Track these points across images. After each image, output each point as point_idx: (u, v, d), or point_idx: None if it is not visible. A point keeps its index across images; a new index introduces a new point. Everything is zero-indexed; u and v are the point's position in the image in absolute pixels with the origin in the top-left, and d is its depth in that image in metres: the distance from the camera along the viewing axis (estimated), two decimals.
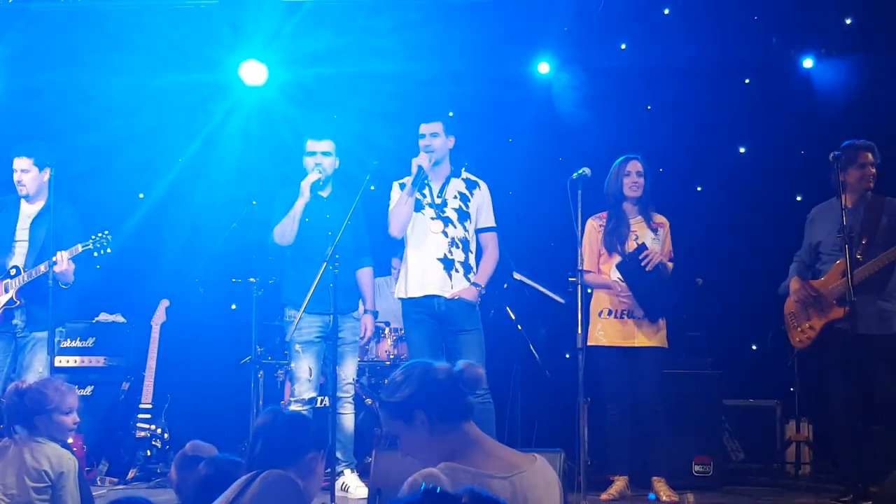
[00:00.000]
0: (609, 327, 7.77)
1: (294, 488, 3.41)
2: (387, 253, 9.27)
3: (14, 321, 7.96)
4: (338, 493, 7.11)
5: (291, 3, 10.13)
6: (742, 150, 10.14)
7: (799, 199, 8.89)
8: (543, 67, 9.71)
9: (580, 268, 7.43)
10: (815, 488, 8.07)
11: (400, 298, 7.84)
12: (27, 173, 8.06)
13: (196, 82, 10.29)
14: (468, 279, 7.61)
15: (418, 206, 7.68)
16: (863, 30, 9.56)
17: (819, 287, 7.46)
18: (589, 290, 7.84)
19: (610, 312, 7.77)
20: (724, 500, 7.85)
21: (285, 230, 7.68)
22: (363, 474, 7.74)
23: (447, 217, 7.66)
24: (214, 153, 10.33)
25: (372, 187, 7.92)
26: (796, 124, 9.53)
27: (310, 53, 10.24)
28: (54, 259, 7.67)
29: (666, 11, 10.08)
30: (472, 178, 7.88)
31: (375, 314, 8.38)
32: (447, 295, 7.55)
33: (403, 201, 7.65)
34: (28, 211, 8.13)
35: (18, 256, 8.03)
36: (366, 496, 6.49)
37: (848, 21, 9.51)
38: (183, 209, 10.21)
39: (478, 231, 7.76)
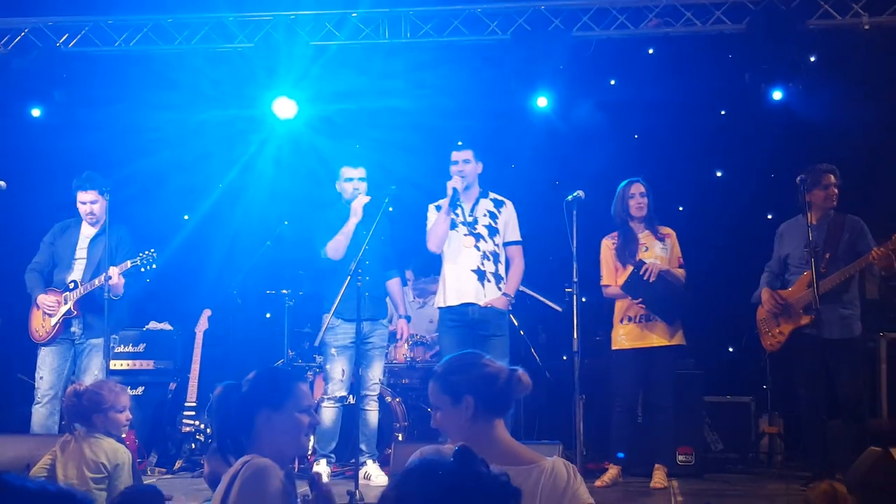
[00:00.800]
0: (630, 332, 7.80)
1: (268, 476, 3.22)
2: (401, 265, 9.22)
3: (72, 329, 7.98)
4: (361, 481, 7.09)
5: (318, 47, 10.15)
6: (719, 173, 10.14)
7: (770, 216, 8.86)
8: (542, 101, 9.66)
9: (575, 279, 7.49)
10: (786, 475, 8.07)
11: (438, 307, 7.90)
12: (95, 204, 8.10)
13: (234, 116, 10.32)
14: (499, 288, 7.67)
15: (452, 225, 7.74)
16: (824, 66, 9.52)
17: (787, 297, 7.48)
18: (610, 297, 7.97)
19: (630, 319, 7.79)
20: (704, 487, 7.85)
21: (339, 246, 7.71)
22: (383, 464, 7.72)
23: (478, 233, 7.74)
24: (250, 179, 10.36)
25: (391, 208, 7.89)
26: (766, 150, 9.52)
27: (334, 91, 10.27)
28: (108, 274, 7.66)
29: (650, 51, 10.11)
30: (499, 197, 7.96)
31: (408, 318, 8.41)
32: (481, 303, 7.62)
33: (441, 220, 7.73)
34: (87, 232, 8.16)
35: (77, 272, 8.04)
36: (385, 484, 6.45)
37: (812, 59, 9.46)
38: (223, 229, 10.21)
39: (505, 244, 7.84)
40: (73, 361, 8.05)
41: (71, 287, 7.95)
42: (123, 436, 5.63)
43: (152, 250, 7.90)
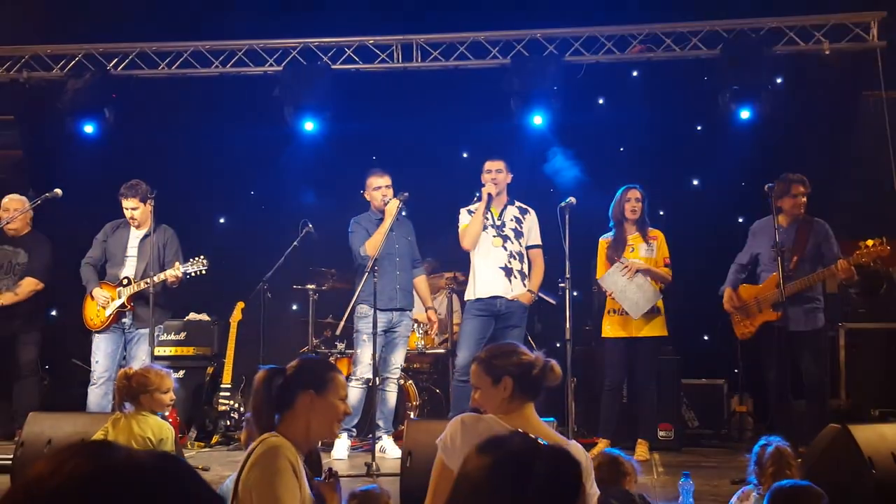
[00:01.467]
0: (614, 323, 7.84)
1: (278, 453, 3.25)
2: None
3: (124, 320, 8.04)
4: (377, 454, 7.14)
5: (337, 72, 10.22)
6: (695, 182, 10.14)
7: (741, 220, 8.89)
8: (538, 119, 9.70)
9: (567, 276, 7.53)
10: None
11: (468, 299, 7.94)
12: (136, 210, 8.13)
13: (265, 132, 10.33)
14: (524, 285, 7.72)
15: (486, 227, 7.75)
16: (789, 87, 9.55)
17: (752, 296, 7.48)
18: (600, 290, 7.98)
19: (615, 311, 7.83)
20: (682, 459, 7.85)
21: (376, 244, 7.67)
22: (397, 439, 7.75)
23: (506, 235, 7.79)
24: (277, 187, 10.37)
25: (404, 213, 7.95)
26: (738, 161, 9.52)
27: (351, 110, 10.30)
28: (167, 277, 7.87)
29: (634, 74, 10.16)
30: (524, 206, 7.99)
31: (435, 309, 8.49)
32: (508, 297, 7.67)
33: (477, 222, 7.75)
34: (136, 233, 8.21)
35: (129, 269, 8.11)
36: (399, 456, 6.49)
37: (778, 80, 9.48)
38: (255, 231, 10.26)
39: (528, 247, 7.88)
40: (123, 347, 8.12)
41: (124, 283, 8.00)
42: (167, 414, 5.67)
43: (202, 257, 7.98)
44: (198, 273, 8.01)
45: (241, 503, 3.15)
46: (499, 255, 7.74)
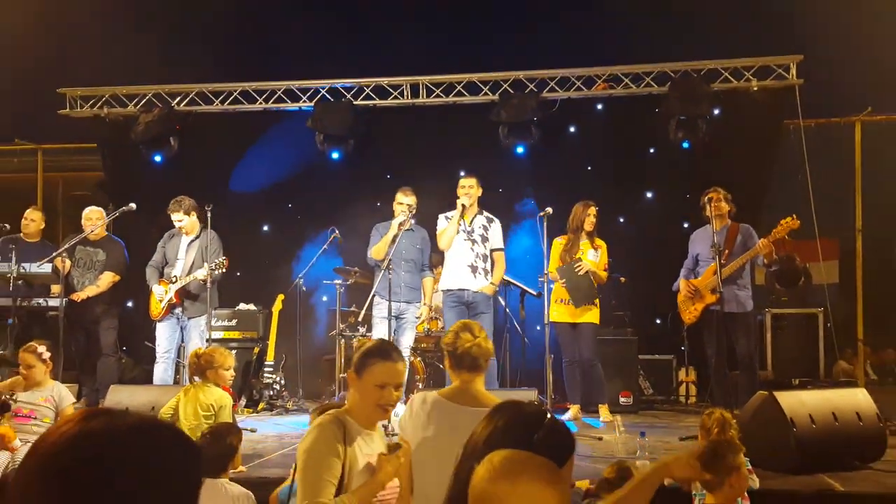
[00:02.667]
0: (560, 310, 7.78)
1: (322, 429, 2.96)
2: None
3: (176, 311, 8.02)
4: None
5: (358, 107, 10.26)
6: (649, 194, 10.13)
7: (686, 225, 8.86)
8: (520, 149, 9.76)
9: (546, 271, 7.52)
10: (697, 411, 8.03)
11: (442, 290, 7.92)
12: (181, 221, 8.11)
13: (299, 156, 10.33)
14: (487, 279, 7.67)
15: (459, 232, 7.74)
16: (724, 117, 9.57)
17: (697, 284, 7.49)
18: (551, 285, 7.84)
19: (562, 301, 7.78)
20: (639, 420, 7.86)
21: (381, 250, 7.69)
22: None
23: (475, 239, 7.73)
24: (311, 201, 10.37)
25: (409, 226, 7.94)
26: (683, 177, 9.52)
27: (369, 137, 10.32)
28: (195, 276, 7.89)
29: (599, 107, 10.14)
30: (490, 215, 7.92)
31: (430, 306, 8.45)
32: (473, 289, 7.63)
33: (452, 228, 7.73)
34: (186, 239, 8.18)
35: (178, 268, 8.08)
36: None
37: (716, 111, 9.51)
38: (292, 237, 10.24)
39: (492, 250, 7.79)
40: (179, 333, 8.10)
41: (173, 280, 8.00)
42: (226, 387, 5.71)
43: (224, 259, 7.94)
44: (220, 269, 7.90)
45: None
46: (468, 255, 7.71)
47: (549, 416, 2.12)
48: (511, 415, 2.10)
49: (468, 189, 7.77)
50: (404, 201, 7.93)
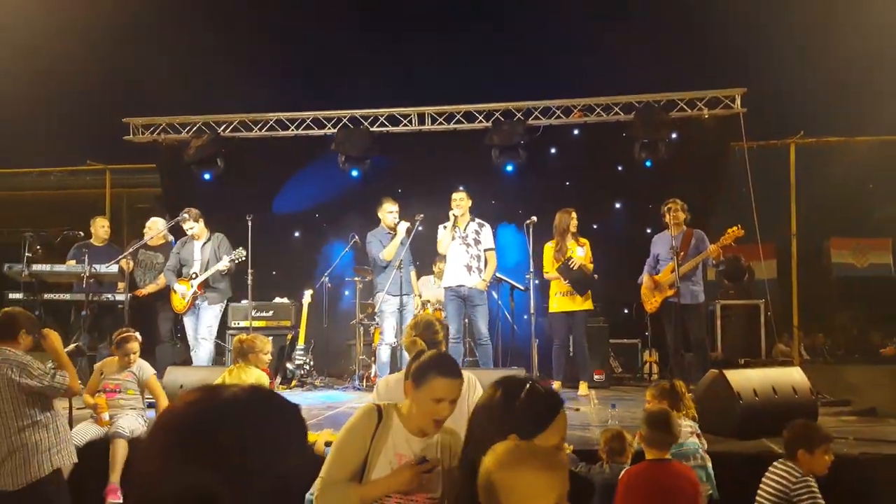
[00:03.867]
0: (559, 301, 7.76)
1: (361, 413, 2.68)
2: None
3: (198, 301, 8.00)
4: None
5: (374, 133, 10.27)
6: (618, 205, 10.11)
7: (648, 231, 8.85)
8: (509, 167, 9.76)
9: (531, 270, 7.59)
10: (659, 383, 8.02)
11: (444, 286, 7.90)
12: (192, 228, 8.11)
13: (324, 174, 10.33)
14: (480, 276, 7.65)
15: (454, 238, 7.74)
16: (680, 140, 9.57)
17: (658, 279, 7.49)
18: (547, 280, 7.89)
19: (562, 293, 7.75)
20: (610, 394, 7.81)
21: (391, 252, 7.73)
22: None
23: (469, 242, 7.71)
24: (334, 211, 10.36)
25: (420, 227, 7.94)
26: (646, 190, 9.50)
27: (383, 158, 10.29)
28: (217, 267, 7.93)
29: (575, 132, 10.13)
30: (481, 221, 7.90)
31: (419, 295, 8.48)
32: (469, 285, 7.61)
33: (448, 235, 7.74)
34: (198, 243, 8.16)
35: (196, 267, 8.05)
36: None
37: (673, 135, 9.51)
38: (319, 241, 10.25)
39: (485, 249, 7.77)
40: (198, 319, 8.05)
41: (193, 277, 7.97)
42: (263, 368, 5.68)
43: (241, 249, 7.95)
44: (238, 259, 7.94)
45: None
46: (463, 257, 7.69)
47: (526, 379, 2.17)
48: (507, 384, 2.15)
49: (459, 202, 7.79)
50: (394, 210, 7.98)
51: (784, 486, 3.63)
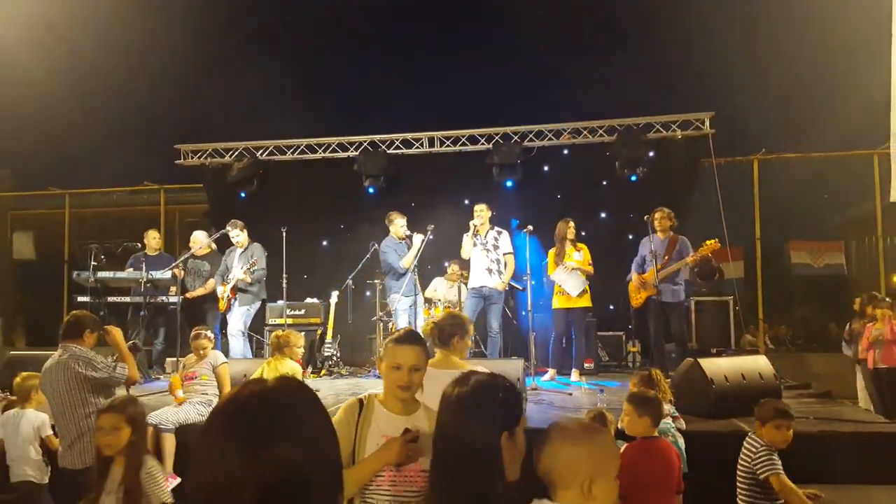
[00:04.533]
0: (559, 299, 7.65)
1: (345, 406, 2.52)
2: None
3: (232, 301, 8.02)
4: None
5: (390, 155, 10.24)
6: (603, 214, 10.03)
7: (630, 237, 8.80)
8: (509, 183, 9.73)
9: (528, 272, 7.49)
10: (640, 372, 7.95)
11: (469, 287, 7.80)
12: (238, 237, 8.13)
13: (348, 191, 10.31)
14: (500, 278, 7.55)
15: (476, 244, 7.66)
16: (657, 158, 9.52)
17: (645, 278, 7.42)
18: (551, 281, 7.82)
19: (561, 293, 7.66)
20: (599, 380, 7.69)
21: (410, 260, 7.66)
22: None
23: (488, 248, 7.61)
24: (356, 222, 10.33)
25: (431, 237, 7.88)
26: (628, 201, 9.43)
27: (398, 177, 10.27)
28: (240, 277, 7.91)
29: (565, 152, 10.07)
30: (500, 228, 7.80)
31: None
32: (490, 285, 7.52)
33: (468, 243, 7.68)
34: (239, 251, 8.17)
35: (234, 272, 8.05)
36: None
37: (651, 154, 9.46)
38: (344, 249, 10.15)
39: (504, 254, 7.67)
40: (223, 317, 8.12)
41: (229, 282, 8.02)
42: (297, 360, 5.66)
43: (255, 260, 7.96)
44: (254, 269, 7.92)
45: None
46: (484, 261, 7.61)
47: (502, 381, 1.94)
48: (472, 381, 1.92)
49: (478, 213, 7.72)
50: (404, 222, 7.93)
51: (748, 456, 3.61)
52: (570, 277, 7.58)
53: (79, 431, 3.96)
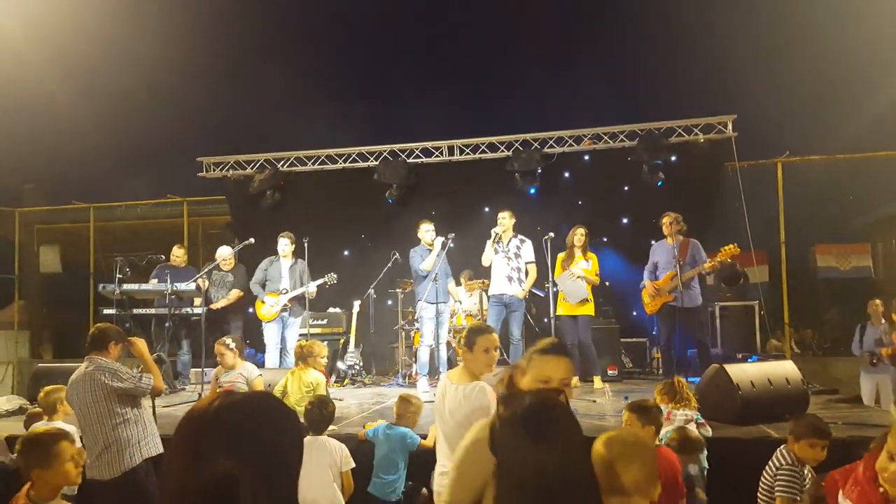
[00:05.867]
0: (564, 306, 7.66)
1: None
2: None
3: (284, 313, 8.05)
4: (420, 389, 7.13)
5: (410, 164, 10.31)
6: (625, 220, 10.01)
7: (652, 242, 8.70)
8: (531, 190, 9.73)
9: (549, 279, 7.44)
10: (665, 381, 7.90)
11: (489, 294, 7.82)
12: (287, 247, 8.17)
13: (368, 199, 10.36)
14: (520, 286, 7.56)
15: (498, 252, 7.67)
16: (679, 162, 9.48)
17: (659, 285, 7.37)
18: (555, 289, 7.78)
19: (563, 299, 7.67)
20: (623, 387, 7.68)
21: (430, 263, 7.65)
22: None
23: (510, 256, 7.61)
24: (378, 231, 10.33)
25: (451, 245, 7.90)
26: (650, 208, 9.34)
27: (418, 186, 10.32)
28: (308, 289, 7.96)
29: (586, 157, 10.05)
30: (523, 237, 7.77)
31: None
32: (510, 293, 7.52)
33: (489, 250, 7.68)
34: (286, 263, 8.21)
35: (285, 283, 8.11)
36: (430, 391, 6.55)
37: (673, 158, 9.43)
38: (365, 258, 10.26)
39: (526, 262, 7.66)
40: (282, 329, 8.11)
41: (283, 292, 8.04)
42: (321, 370, 5.70)
43: (333, 274, 8.02)
44: (329, 283, 8.04)
45: None
46: (505, 269, 7.60)
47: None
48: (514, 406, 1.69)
49: (501, 220, 7.71)
50: (429, 228, 7.93)
51: (773, 468, 3.59)
52: (572, 284, 7.57)
53: (106, 442, 4.02)
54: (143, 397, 4.28)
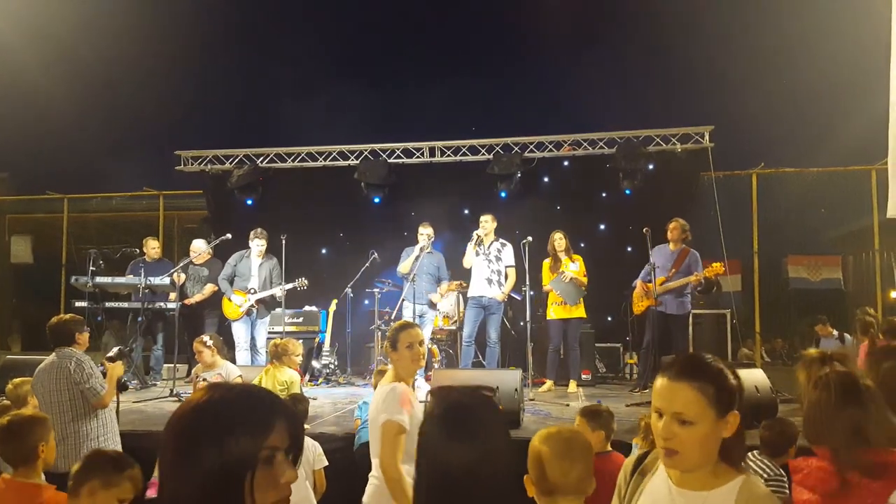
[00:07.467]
0: (555, 309, 7.68)
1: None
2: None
3: (251, 315, 8.00)
4: (415, 389, 7.06)
5: (391, 164, 10.28)
6: (602, 226, 10.08)
7: (629, 249, 8.84)
8: (509, 193, 9.77)
9: (527, 283, 7.45)
10: (639, 385, 7.96)
11: (468, 296, 7.81)
12: (261, 246, 8.11)
13: (348, 198, 10.33)
14: (500, 289, 7.58)
15: (477, 254, 7.68)
16: (657, 170, 9.57)
17: (650, 288, 7.41)
18: (545, 292, 7.82)
19: (557, 303, 7.69)
20: (596, 391, 7.73)
21: (407, 266, 7.69)
22: (428, 380, 7.67)
23: (490, 259, 7.63)
24: (356, 231, 10.35)
25: (428, 249, 7.89)
26: (626, 215, 9.47)
27: (399, 187, 10.30)
28: (278, 291, 7.90)
29: (565, 163, 10.12)
30: (504, 241, 7.81)
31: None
32: (489, 295, 7.55)
33: (470, 252, 7.70)
34: (257, 260, 8.14)
35: (253, 282, 8.04)
36: (428, 389, 6.48)
37: (650, 167, 9.52)
38: (343, 257, 10.20)
39: (506, 266, 7.68)
40: (250, 328, 8.05)
41: (252, 292, 7.97)
42: (295, 368, 5.66)
43: (304, 279, 7.98)
44: (300, 288, 7.98)
45: None
46: (485, 271, 7.62)
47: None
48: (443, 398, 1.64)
49: (483, 223, 7.73)
50: (424, 232, 7.93)
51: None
52: (568, 287, 7.61)
53: (63, 433, 3.97)
54: (92, 401, 4.15)
